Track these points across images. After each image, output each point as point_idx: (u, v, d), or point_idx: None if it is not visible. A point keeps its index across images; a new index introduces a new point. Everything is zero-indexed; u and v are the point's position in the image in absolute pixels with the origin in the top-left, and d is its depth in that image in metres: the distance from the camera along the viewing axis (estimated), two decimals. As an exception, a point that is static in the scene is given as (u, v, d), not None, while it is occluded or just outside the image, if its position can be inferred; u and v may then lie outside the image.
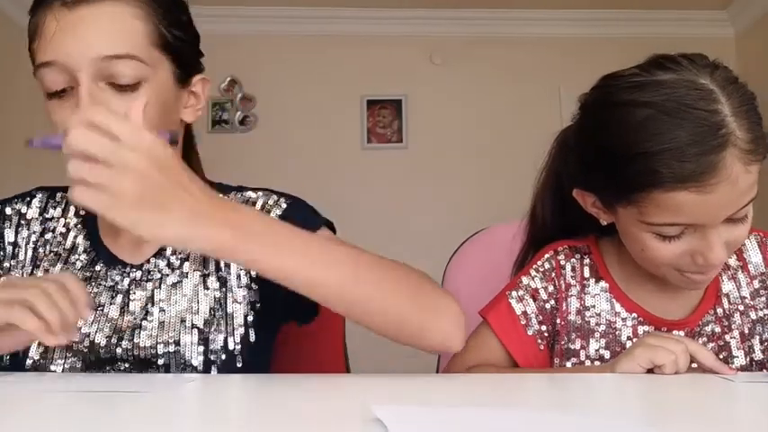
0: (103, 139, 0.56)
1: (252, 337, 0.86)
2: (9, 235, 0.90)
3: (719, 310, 0.90)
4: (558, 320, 0.92)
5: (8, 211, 0.92)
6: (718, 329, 0.89)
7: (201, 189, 0.62)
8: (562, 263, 0.95)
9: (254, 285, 0.87)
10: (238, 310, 0.86)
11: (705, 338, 0.88)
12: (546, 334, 0.93)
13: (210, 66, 0.91)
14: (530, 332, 0.92)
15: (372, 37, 3.74)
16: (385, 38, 3.75)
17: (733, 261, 0.92)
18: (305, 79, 3.64)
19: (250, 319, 0.86)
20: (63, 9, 0.74)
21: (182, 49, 0.82)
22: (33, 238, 0.90)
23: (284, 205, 0.89)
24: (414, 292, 0.73)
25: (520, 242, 1.03)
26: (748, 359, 0.88)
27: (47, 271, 0.88)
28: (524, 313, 0.93)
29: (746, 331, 0.89)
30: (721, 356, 0.88)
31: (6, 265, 0.89)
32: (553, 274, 0.94)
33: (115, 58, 0.74)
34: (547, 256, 0.96)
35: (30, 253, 0.89)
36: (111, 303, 0.85)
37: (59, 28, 0.73)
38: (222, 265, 0.87)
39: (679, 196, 0.73)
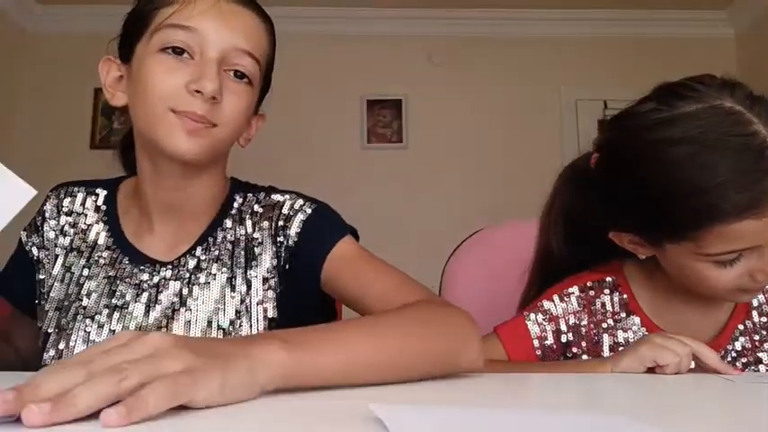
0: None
1: None
2: (34, 251, 0.92)
3: (749, 324, 0.90)
4: (585, 356, 0.92)
5: (45, 206, 0.93)
6: (749, 344, 0.89)
7: (230, 341, 0.58)
8: (592, 299, 0.93)
9: (276, 286, 0.87)
10: (261, 311, 0.86)
11: (734, 354, 0.89)
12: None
13: (210, 65, 0.92)
14: (538, 354, 0.92)
15: (372, 37, 3.75)
16: (385, 38, 3.75)
17: None
18: (305, 79, 3.64)
19: (271, 315, 0.86)
20: None
21: (266, 81, 0.89)
22: (52, 235, 0.91)
23: (309, 210, 0.89)
24: (438, 349, 0.70)
25: (524, 279, 1.01)
26: None
27: (71, 266, 0.88)
28: (539, 337, 0.92)
29: None
30: (752, 369, 0.88)
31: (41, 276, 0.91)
32: (580, 309, 0.93)
33: (244, 52, 0.81)
34: (575, 290, 0.94)
35: (56, 250, 0.90)
36: (135, 301, 0.85)
37: (212, 10, 0.80)
38: (248, 267, 0.87)
39: (741, 225, 0.73)
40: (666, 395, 0.66)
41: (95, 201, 0.93)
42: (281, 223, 0.89)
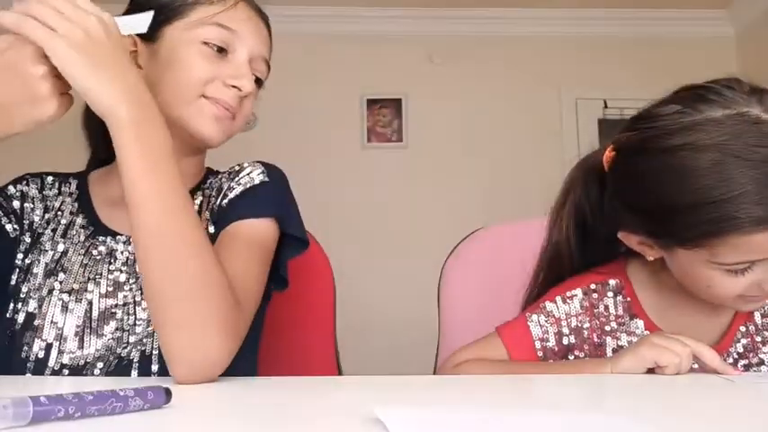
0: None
1: None
2: (17, 205, 0.92)
3: (751, 326, 0.90)
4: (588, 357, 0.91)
5: (12, 190, 0.94)
6: (751, 345, 0.89)
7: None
8: (595, 302, 0.92)
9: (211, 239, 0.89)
10: None
11: (736, 355, 0.89)
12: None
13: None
14: (540, 355, 0.92)
15: (372, 37, 3.74)
16: (385, 38, 3.75)
17: None
18: (305, 79, 3.64)
19: None
20: (252, 10, 0.94)
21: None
22: (37, 213, 0.92)
23: (257, 180, 0.90)
24: (203, 292, 0.69)
25: (524, 269, 1.00)
26: None
27: (48, 246, 0.89)
28: (540, 338, 0.92)
29: None
30: (754, 370, 0.88)
31: (15, 234, 0.90)
32: (582, 312, 0.92)
33: (263, 60, 0.95)
34: (577, 292, 0.93)
35: (34, 226, 0.91)
36: (111, 272, 0.87)
37: (251, 19, 0.92)
38: (213, 227, 0.90)
39: (758, 237, 0.72)
40: (666, 395, 0.66)
41: (69, 188, 0.96)
42: (230, 184, 0.91)
